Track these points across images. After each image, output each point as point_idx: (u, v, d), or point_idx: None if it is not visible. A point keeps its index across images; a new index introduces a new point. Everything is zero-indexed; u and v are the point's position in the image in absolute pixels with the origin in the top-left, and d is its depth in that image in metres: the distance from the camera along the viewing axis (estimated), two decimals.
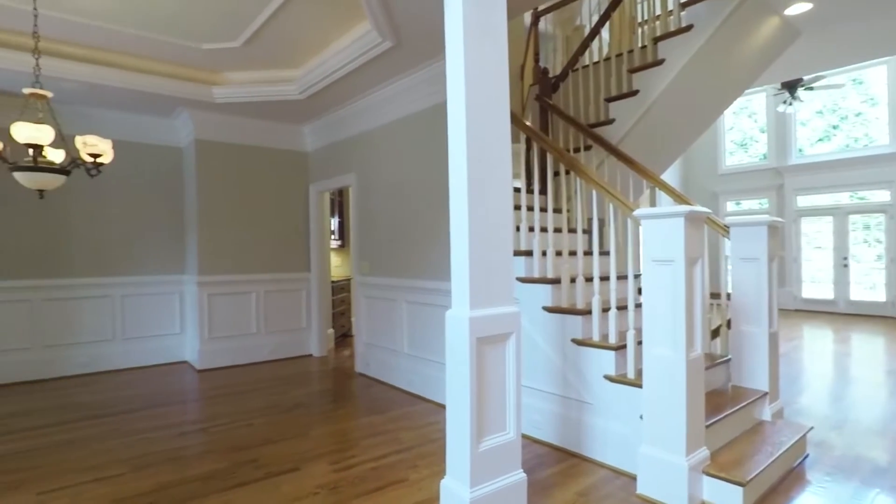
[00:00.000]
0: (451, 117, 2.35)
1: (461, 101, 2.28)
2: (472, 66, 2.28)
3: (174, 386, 4.92)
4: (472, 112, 2.28)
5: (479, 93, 2.31)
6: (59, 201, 5.12)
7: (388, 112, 4.76)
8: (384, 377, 4.96)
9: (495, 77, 2.37)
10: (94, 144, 2.96)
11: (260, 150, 5.85)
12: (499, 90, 2.38)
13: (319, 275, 6.17)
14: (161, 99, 4.87)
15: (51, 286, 5.11)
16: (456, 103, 2.31)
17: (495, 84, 2.37)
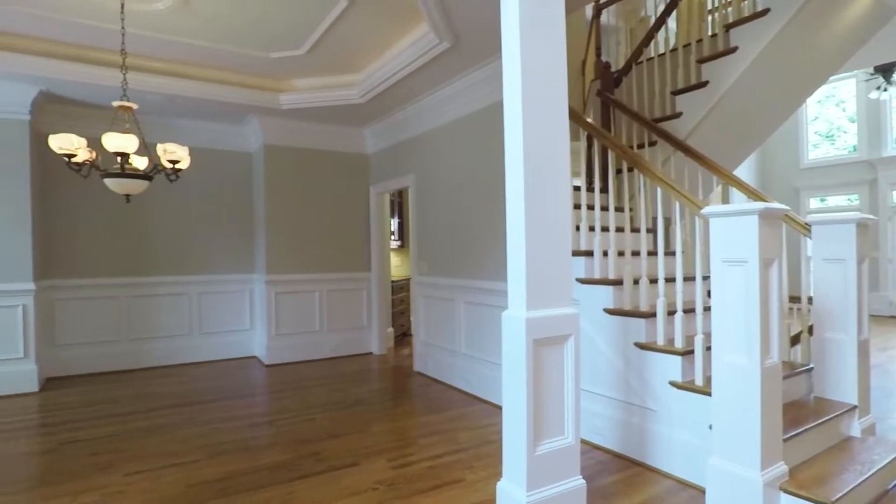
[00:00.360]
0: (508, 115, 2.32)
1: (517, 99, 2.25)
2: (528, 63, 2.24)
3: (244, 379, 5.18)
4: (528, 110, 2.24)
5: (536, 90, 2.27)
6: (142, 205, 5.51)
7: (446, 112, 4.78)
8: (442, 377, 4.99)
9: (553, 73, 2.31)
10: (173, 151, 3.17)
11: (323, 153, 6.05)
12: (557, 87, 2.33)
13: (379, 274, 6.29)
14: (233, 107, 5.14)
15: (135, 284, 5.51)
16: (512, 101, 2.28)
17: (553, 80, 2.31)
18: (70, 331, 5.21)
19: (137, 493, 2.71)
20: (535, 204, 2.26)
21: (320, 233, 6.03)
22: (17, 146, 4.61)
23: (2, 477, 2.92)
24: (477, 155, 4.44)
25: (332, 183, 6.11)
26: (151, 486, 2.78)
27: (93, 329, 5.31)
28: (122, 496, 2.66)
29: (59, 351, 5.16)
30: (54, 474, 2.95)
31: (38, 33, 4.00)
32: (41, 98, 4.64)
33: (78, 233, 5.26)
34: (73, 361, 5.21)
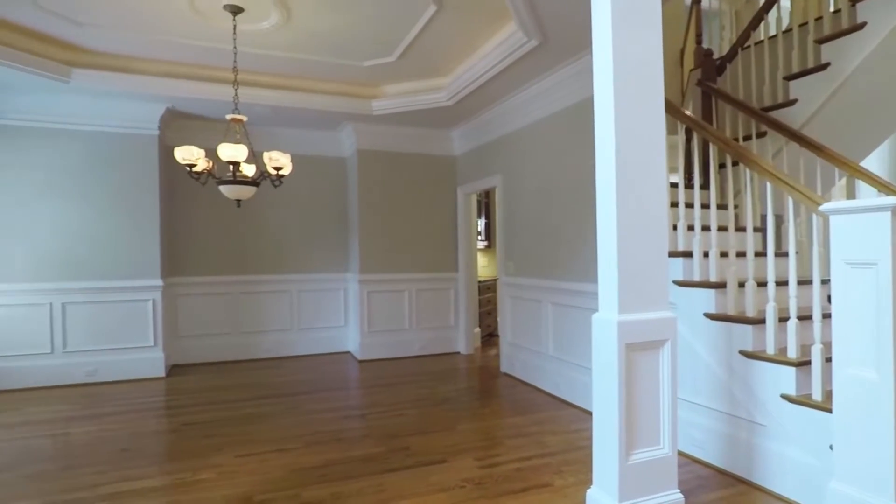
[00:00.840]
0: (598, 111, 2.25)
1: (609, 94, 2.17)
2: (621, 56, 2.16)
3: (339, 373, 5.45)
4: (620, 104, 2.16)
5: (629, 83, 2.17)
6: (250, 210, 5.99)
7: (534, 111, 4.72)
8: (529, 378, 4.93)
9: (648, 64, 2.21)
10: (277, 159, 3.41)
11: (412, 156, 6.21)
12: (652, 79, 2.22)
13: (467, 275, 6.35)
14: (329, 115, 5.43)
15: (244, 281, 6.00)
16: (603, 96, 2.21)
17: (648, 72, 2.21)
18: (190, 323, 5.78)
19: (246, 473, 2.94)
20: (628, 202, 2.17)
21: (410, 233, 6.20)
22: (148, 158, 5.20)
23: (138, 451, 3.30)
24: (565, 152, 4.34)
25: (421, 185, 6.26)
26: (258, 469, 3.01)
27: (208, 322, 5.85)
28: (233, 475, 2.91)
29: (181, 341, 5.74)
30: (177, 451, 3.30)
31: (165, 57, 4.48)
32: (167, 114, 5.19)
33: (196, 235, 5.82)
34: (192, 351, 5.77)
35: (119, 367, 5.07)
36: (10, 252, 4.78)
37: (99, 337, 5.03)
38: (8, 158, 4.78)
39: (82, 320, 4.98)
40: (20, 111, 4.77)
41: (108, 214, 5.06)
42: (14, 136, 4.80)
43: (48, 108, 4.83)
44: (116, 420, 3.90)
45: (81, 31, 3.94)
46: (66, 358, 4.93)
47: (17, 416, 4.04)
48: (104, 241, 5.05)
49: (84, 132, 5.00)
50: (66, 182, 4.94)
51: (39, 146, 4.87)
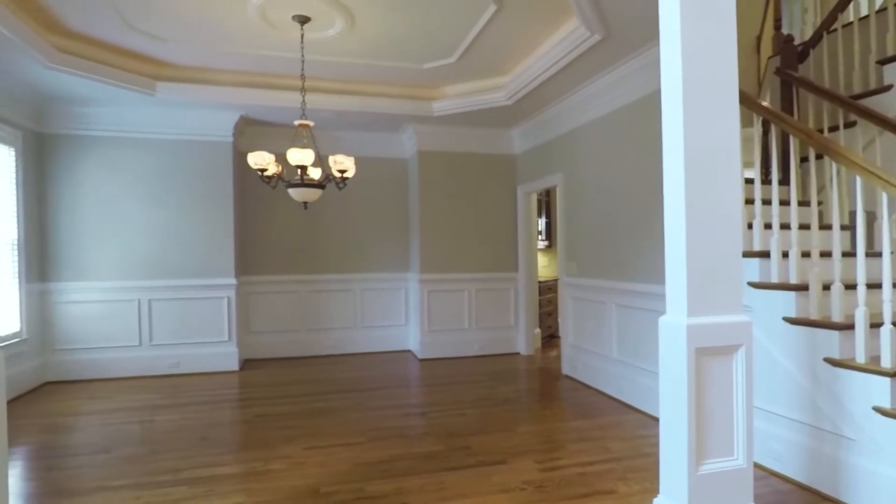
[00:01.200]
0: (666, 105, 2.16)
1: (677, 87, 2.08)
2: (690, 46, 2.06)
3: (400, 371, 5.56)
4: (690, 97, 2.07)
5: (700, 75, 2.08)
6: (316, 212, 6.21)
7: (596, 108, 4.60)
8: (591, 381, 4.82)
9: (720, 54, 2.10)
10: (342, 162, 3.53)
11: (472, 156, 6.23)
12: (724, 69, 2.11)
13: (527, 275, 6.28)
14: (391, 118, 5.54)
15: (311, 280, 6.24)
16: (671, 89, 2.12)
17: (720, 62, 2.10)
18: (261, 320, 6.08)
19: (314, 465, 3.06)
20: (698, 199, 2.07)
21: (470, 233, 6.21)
22: (223, 164, 5.52)
23: (215, 439, 3.52)
24: (629, 149, 4.21)
25: (481, 184, 6.27)
26: (325, 461, 3.12)
27: (277, 319, 6.13)
28: (302, 466, 3.04)
29: (253, 337, 6.05)
30: (250, 441, 3.48)
31: (239, 68, 4.74)
32: (240, 121, 5.48)
33: (266, 236, 6.12)
34: (263, 347, 6.07)
35: (198, 360, 5.42)
36: (104, 253, 5.22)
37: (180, 332, 5.39)
38: (101, 166, 5.22)
39: (166, 316, 5.36)
40: (112, 123, 5.20)
41: (187, 217, 5.42)
42: (106, 146, 5.24)
43: (135, 120, 5.23)
44: (196, 410, 4.17)
45: (165, 46, 4.25)
46: (152, 350, 5.33)
47: (112, 403, 4.40)
48: (184, 242, 5.41)
49: (166, 140, 5.38)
50: (150, 187, 5.34)
51: (128, 154, 5.29)
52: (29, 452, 3.34)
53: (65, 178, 5.15)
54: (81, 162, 5.18)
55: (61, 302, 5.12)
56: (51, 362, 5.08)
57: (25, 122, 4.82)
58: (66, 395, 4.62)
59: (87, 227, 5.18)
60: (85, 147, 5.19)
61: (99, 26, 3.88)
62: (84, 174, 5.19)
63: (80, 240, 5.17)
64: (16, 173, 4.69)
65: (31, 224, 4.88)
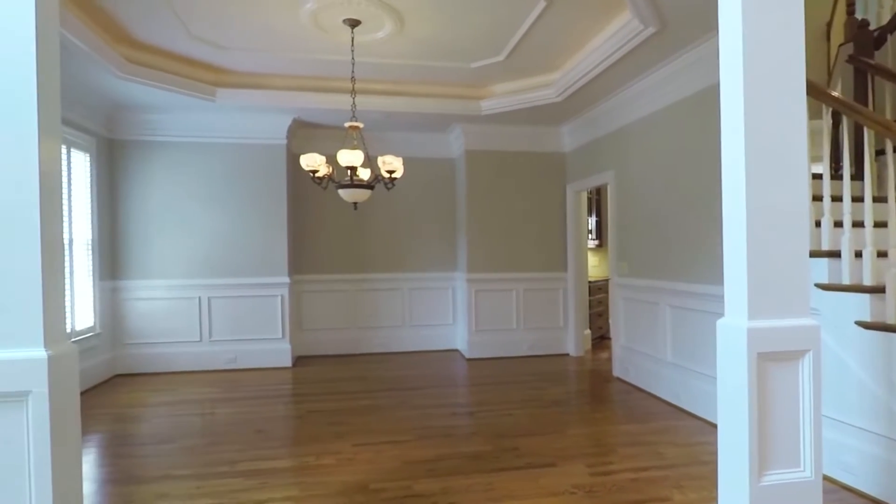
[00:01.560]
0: (725, 97, 2.06)
1: (737, 79, 1.98)
2: (752, 35, 1.96)
3: (448, 371, 5.58)
4: (751, 89, 1.96)
5: (762, 65, 1.97)
6: (365, 212, 6.33)
7: (649, 103, 4.46)
8: (644, 385, 4.67)
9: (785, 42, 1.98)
10: (391, 162, 3.58)
11: (521, 154, 6.17)
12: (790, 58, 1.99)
13: (577, 275, 6.16)
14: (439, 118, 5.57)
15: (360, 279, 6.36)
16: (731, 81, 2.02)
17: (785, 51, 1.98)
18: (312, 318, 6.25)
19: (363, 462, 3.12)
20: (760, 196, 1.96)
21: (518, 233, 6.16)
22: (277, 166, 5.71)
23: (270, 432, 3.65)
24: (684, 145, 4.05)
25: (530, 183, 6.20)
26: (373, 458, 3.17)
27: (328, 317, 6.29)
28: (351, 463, 3.10)
29: (305, 335, 6.22)
30: (303, 436, 3.58)
31: (292, 72, 4.89)
32: (294, 124, 5.66)
33: (318, 236, 6.28)
34: (314, 344, 6.24)
35: (253, 356, 5.63)
36: (168, 252, 5.51)
37: (237, 328, 5.62)
38: (166, 170, 5.52)
39: (224, 313, 5.60)
40: (175, 129, 5.48)
41: (244, 217, 5.64)
42: (170, 151, 5.52)
43: (196, 125, 5.49)
44: (252, 404, 4.33)
45: (224, 54, 4.43)
46: (211, 346, 5.58)
47: (175, 395, 4.64)
48: (241, 242, 5.63)
49: (224, 144, 5.62)
50: (210, 189, 5.59)
51: (189, 158, 5.56)
52: (101, 440, 3.57)
53: (133, 182, 5.47)
54: (148, 166, 5.49)
55: (129, 299, 5.44)
56: (121, 356, 5.41)
57: (99, 129, 5.16)
58: (134, 388, 4.91)
59: (153, 228, 5.48)
60: (151, 152, 5.49)
61: (163, 36, 4.10)
62: (150, 178, 5.49)
63: (147, 240, 5.48)
64: (90, 177, 5.02)
65: (103, 225, 5.21)
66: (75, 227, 4.74)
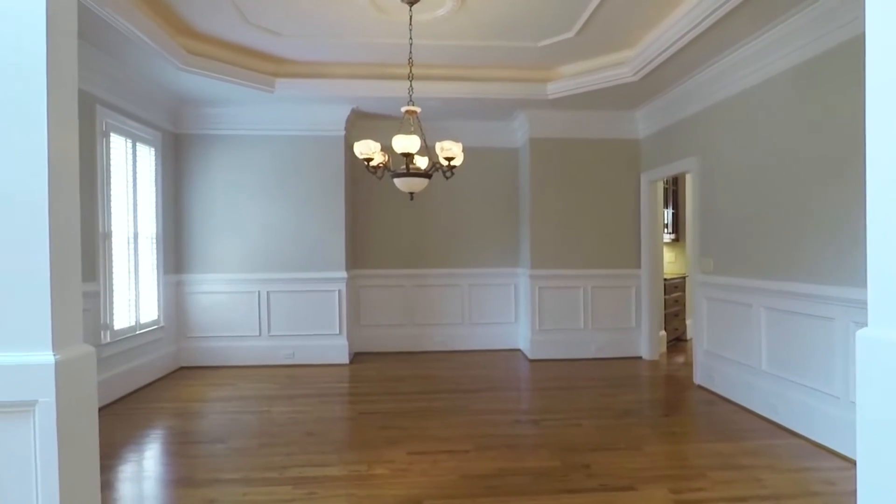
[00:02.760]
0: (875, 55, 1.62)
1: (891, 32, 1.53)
2: None
3: (510, 372, 5.26)
4: None
5: None
6: (424, 204, 6.10)
7: (744, 77, 3.93)
8: (732, 395, 4.15)
9: None
10: (449, 148, 3.30)
11: (589, 142, 5.73)
12: None
13: (651, 271, 5.65)
14: (501, 103, 5.24)
15: (418, 274, 6.14)
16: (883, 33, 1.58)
17: None
18: (370, 314, 6.11)
19: (417, 473, 2.87)
20: None
21: (586, 226, 5.73)
22: (335, 159, 5.59)
23: (321, 435, 3.48)
24: (791, 123, 3.51)
25: (599, 173, 5.74)
26: (429, 469, 2.92)
27: (386, 313, 6.13)
28: (405, 474, 2.86)
29: (363, 330, 6.09)
30: (355, 441, 3.39)
31: (350, 59, 4.72)
32: (352, 115, 5.51)
33: (375, 230, 6.13)
34: (371, 340, 6.10)
35: (311, 352, 5.55)
36: (229, 246, 5.52)
37: (296, 323, 5.56)
38: (227, 164, 5.52)
39: (282, 308, 5.55)
40: (236, 122, 5.47)
41: (301, 211, 5.56)
42: (231, 145, 5.52)
43: (256, 118, 5.45)
44: (306, 402, 4.21)
45: (281, 42, 4.31)
46: (270, 341, 5.55)
47: (233, 390, 4.61)
48: (299, 235, 5.55)
49: (283, 137, 5.55)
50: (269, 182, 5.55)
51: (249, 152, 5.53)
52: (159, 437, 3.54)
53: (195, 176, 5.51)
54: (209, 160, 5.51)
55: (192, 293, 5.50)
56: (185, 349, 5.49)
57: (163, 123, 5.22)
58: (195, 381, 4.93)
59: (215, 222, 5.51)
60: (212, 146, 5.51)
61: (220, 24, 4.02)
62: (211, 171, 5.52)
63: (209, 233, 5.51)
64: (155, 172, 5.09)
65: (167, 219, 5.28)
66: (141, 221, 4.80)
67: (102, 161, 4.22)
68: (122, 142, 4.51)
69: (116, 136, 4.43)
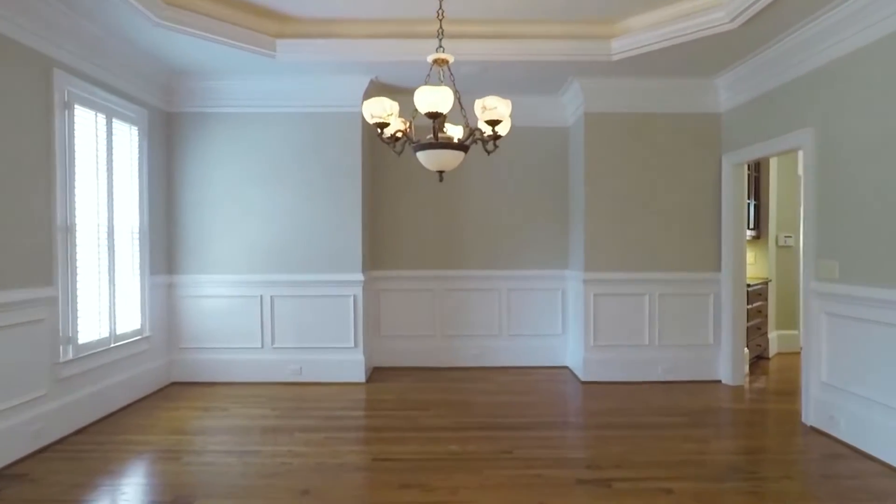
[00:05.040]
0: None
1: None
2: None
3: (559, 399, 4.32)
4: None
5: None
6: (455, 193, 5.17)
7: (882, 20, 2.87)
8: (870, 447, 3.09)
9: None
10: (494, 107, 2.38)
11: (656, 117, 4.69)
12: None
13: (734, 276, 4.59)
14: (552, 68, 4.27)
15: (448, 276, 5.22)
16: None
17: None
18: (392, 322, 5.23)
19: None
20: None
21: (653, 220, 4.70)
22: (351, 139, 4.70)
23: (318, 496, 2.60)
24: None
25: (670, 154, 4.71)
26: None
27: (410, 322, 5.23)
28: None
29: (383, 342, 5.21)
30: None
31: (367, 15, 3.83)
32: (371, 87, 4.60)
33: (397, 223, 5.24)
34: (393, 353, 5.21)
35: (321, 368, 4.69)
36: (229, 242, 4.70)
37: (303, 334, 4.71)
38: (227, 146, 4.71)
39: (288, 315, 4.71)
40: (237, 97, 4.64)
41: (311, 202, 4.70)
42: (232, 124, 4.69)
43: (260, 92, 4.61)
44: (308, 439, 3.33)
45: None
46: (274, 354, 4.72)
47: (222, 418, 3.79)
48: (308, 231, 4.70)
49: (291, 114, 4.69)
50: (273, 169, 4.71)
51: (253, 133, 4.70)
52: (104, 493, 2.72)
53: (191, 161, 4.72)
54: (207, 143, 4.71)
55: (187, 296, 4.71)
56: (177, 362, 4.71)
57: (152, 99, 4.43)
58: (182, 403, 4.14)
59: (214, 214, 4.71)
60: (211, 127, 4.70)
61: None
62: (210, 156, 4.71)
63: (207, 228, 4.71)
64: (139, 155, 4.30)
65: (156, 211, 4.50)
66: (119, 212, 4.03)
67: (64, 138, 3.43)
68: (91, 117, 3.72)
69: (83, 109, 3.64)
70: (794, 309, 5.88)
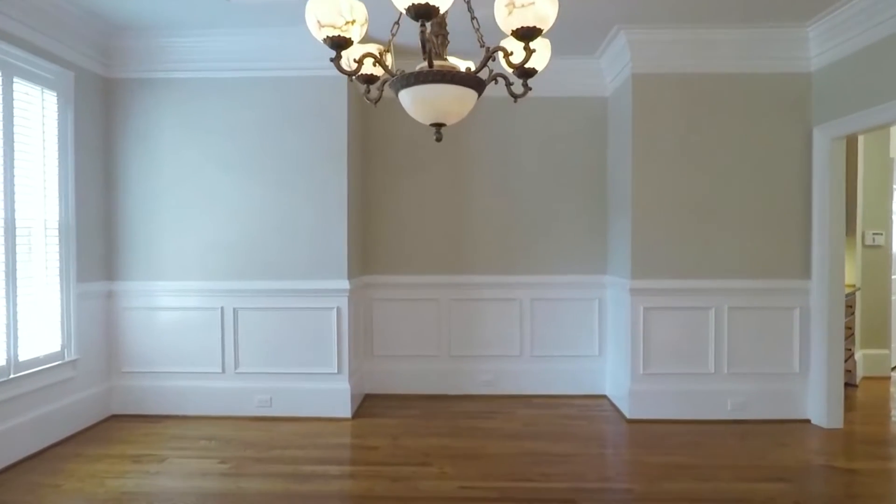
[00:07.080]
0: None
1: None
2: None
3: (601, 448, 3.30)
4: None
5: None
6: (464, 181, 4.17)
7: None
8: None
9: None
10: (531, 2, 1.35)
11: (725, 78, 3.64)
12: None
13: (830, 285, 3.53)
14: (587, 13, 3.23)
15: (457, 284, 4.22)
16: None
17: None
18: (388, 339, 4.24)
19: None
20: None
21: (720, 213, 3.66)
22: (333, 111, 3.71)
23: None
24: None
25: (743, 127, 3.65)
26: None
27: (410, 338, 4.24)
28: None
29: (376, 363, 4.23)
30: None
31: None
32: None
33: (394, 218, 4.24)
34: (389, 377, 4.22)
35: (297, 400, 3.72)
36: (182, 241, 3.75)
37: (274, 356, 3.74)
38: (180, 121, 3.74)
39: (255, 333, 3.75)
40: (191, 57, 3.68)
41: (283, 191, 3.73)
42: (186, 92, 3.73)
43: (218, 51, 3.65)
44: None
45: None
46: (238, 381, 3.75)
47: (150, 477, 2.82)
48: (279, 228, 3.73)
49: (258, 79, 3.71)
50: (235, 150, 3.74)
51: (212, 104, 3.73)
52: None
53: (136, 139, 3.77)
54: (157, 116, 3.76)
55: (130, 308, 3.77)
56: (118, 389, 3.77)
57: (83, 60, 3.49)
58: (114, 447, 3.19)
59: (164, 206, 3.75)
60: (160, 95, 3.75)
61: None
62: (160, 132, 3.76)
63: (155, 223, 3.76)
64: (60, 129, 3.36)
65: (85, 201, 3.55)
66: (26, 202, 3.09)
67: None
68: None
69: None
70: (883, 322, 4.79)
